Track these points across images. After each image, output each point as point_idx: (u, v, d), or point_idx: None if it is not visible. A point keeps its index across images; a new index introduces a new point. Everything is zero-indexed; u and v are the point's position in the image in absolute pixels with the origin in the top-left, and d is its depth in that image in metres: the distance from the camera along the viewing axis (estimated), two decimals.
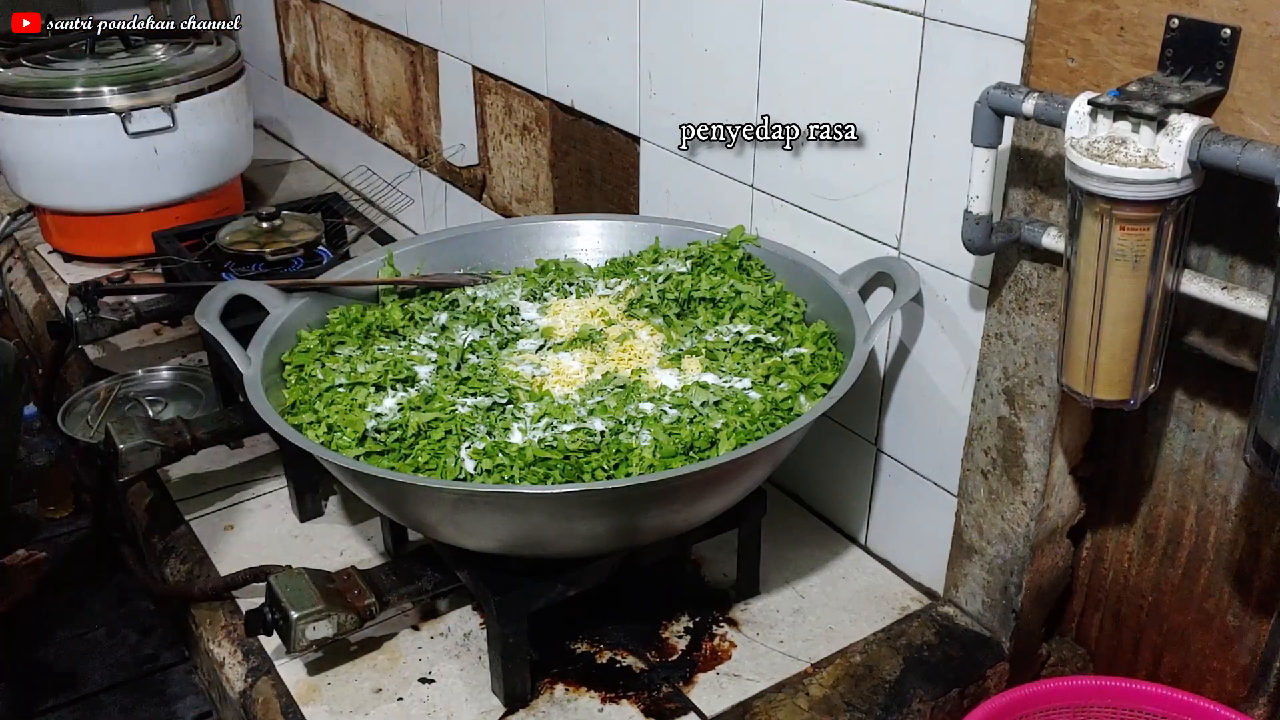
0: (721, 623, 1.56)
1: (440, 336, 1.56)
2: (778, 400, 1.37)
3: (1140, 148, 1.05)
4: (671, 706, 1.42)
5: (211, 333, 1.47)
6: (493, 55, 2.23)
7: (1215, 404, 1.30)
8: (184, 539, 1.76)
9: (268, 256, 2.07)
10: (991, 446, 1.44)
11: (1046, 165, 1.26)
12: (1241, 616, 1.36)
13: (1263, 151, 0.99)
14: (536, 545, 1.33)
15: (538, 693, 1.45)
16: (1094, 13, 1.15)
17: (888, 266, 1.49)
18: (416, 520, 1.40)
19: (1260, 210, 1.03)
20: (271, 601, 1.42)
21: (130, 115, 2.45)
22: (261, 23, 3.27)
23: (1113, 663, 1.54)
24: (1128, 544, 1.47)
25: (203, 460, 1.85)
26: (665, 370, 1.46)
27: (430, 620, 1.57)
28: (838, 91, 1.50)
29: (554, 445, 1.30)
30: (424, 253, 1.73)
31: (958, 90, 1.31)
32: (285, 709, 1.43)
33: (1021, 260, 1.33)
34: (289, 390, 1.46)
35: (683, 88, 1.76)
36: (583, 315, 1.61)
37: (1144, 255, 1.09)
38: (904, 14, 1.36)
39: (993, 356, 1.40)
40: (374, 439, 1.34)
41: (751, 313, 1.55)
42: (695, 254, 1.67)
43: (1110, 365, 1.15)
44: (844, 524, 1.74)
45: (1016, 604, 1.48)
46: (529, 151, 2.23)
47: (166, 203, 2.59)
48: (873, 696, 1.43)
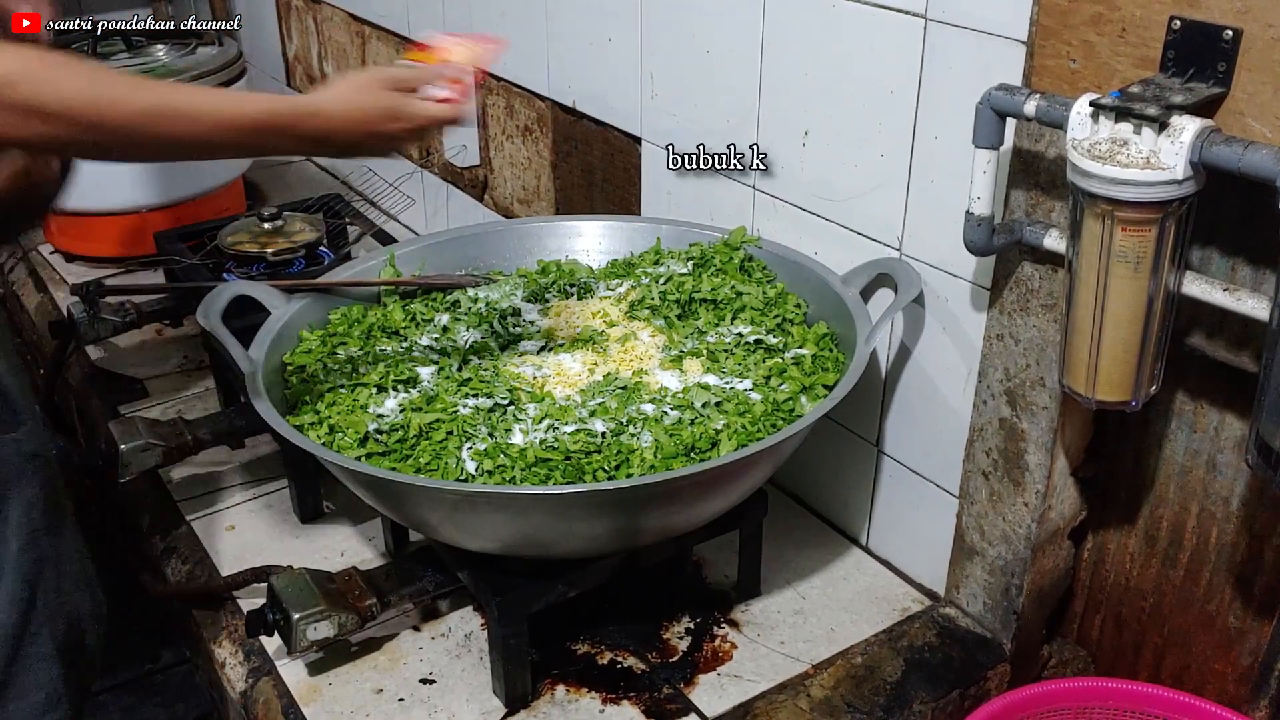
0: (722, 624, 1.56)
1: (442, 337, 1.56)
2: (779, 401, 1.37)
3: (1142, 149, 1.05)
4: (672, 707, 1.42)
5: (213, 333, 1.47)
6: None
7: (1217, 405, 1.30)
8: (185, 539, 1.76)
9: (269, 257, 2.07)
10: (993, 448, 1.44)
11: (1048, 166, 1.26)
12: (1243, 618, 1.36)
13: (1264, 153, 0.99)
14: (538, 546, 1.33)
15: (539, 693, 1.45)
16: (1096, 14, 1.15)
17: (889, 268, 1.49)
18: (418, 521, 1.40)
19: (1262, 212, 1.03)
20: (272, 602, 1.42)
21: None
22: (263, 23, 3.27)
23: (1114, 664, 1.54)
24: (1129, 545, 1.47)
25: (203, 460, 1.85)
26: (666, 371, 1.46)
27: (431, 621, 1.57)
28: (839, 92, 1.50)
29: (555, 446, 1.30)
30: (425, 253, 1.73)
31: (959, 91, 1.31)
32: (286, 709, 1.43)
33: (1023, 261, 1.33)
34: (290, 391, 1.47)
35: (684, 89, 1.76)
36: (584, 316, 1.61)
37: (1145, 257, 1.09)
38: (905, 15, 1.36)
39: (994, 358, 1.40)
40: (375, 440, 1.34)
41: (753, 314, 1.55)
42: (696, 255, 1.67)
43: (1112, 366, 1.15)
44: (845, 525, 1.74)
45: (1018, 605, 1.48)
46: (530, 152, 2.23)
47: (168, 203, 2.58)
48: (874, 698, 1.43)
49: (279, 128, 1.12)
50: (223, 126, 1.07)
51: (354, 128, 1.17)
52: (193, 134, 1.05)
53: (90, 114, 0.97)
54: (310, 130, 1.15)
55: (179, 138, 1.04)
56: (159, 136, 1.03)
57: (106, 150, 1.04)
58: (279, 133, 1.12)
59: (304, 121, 1.14)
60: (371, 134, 1.18)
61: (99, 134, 0.99)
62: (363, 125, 1.17)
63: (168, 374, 2.23)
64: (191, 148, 1.10)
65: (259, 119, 1.10)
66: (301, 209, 2.30)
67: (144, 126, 1.01)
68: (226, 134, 1.08)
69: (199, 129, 1.05)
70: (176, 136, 1.04)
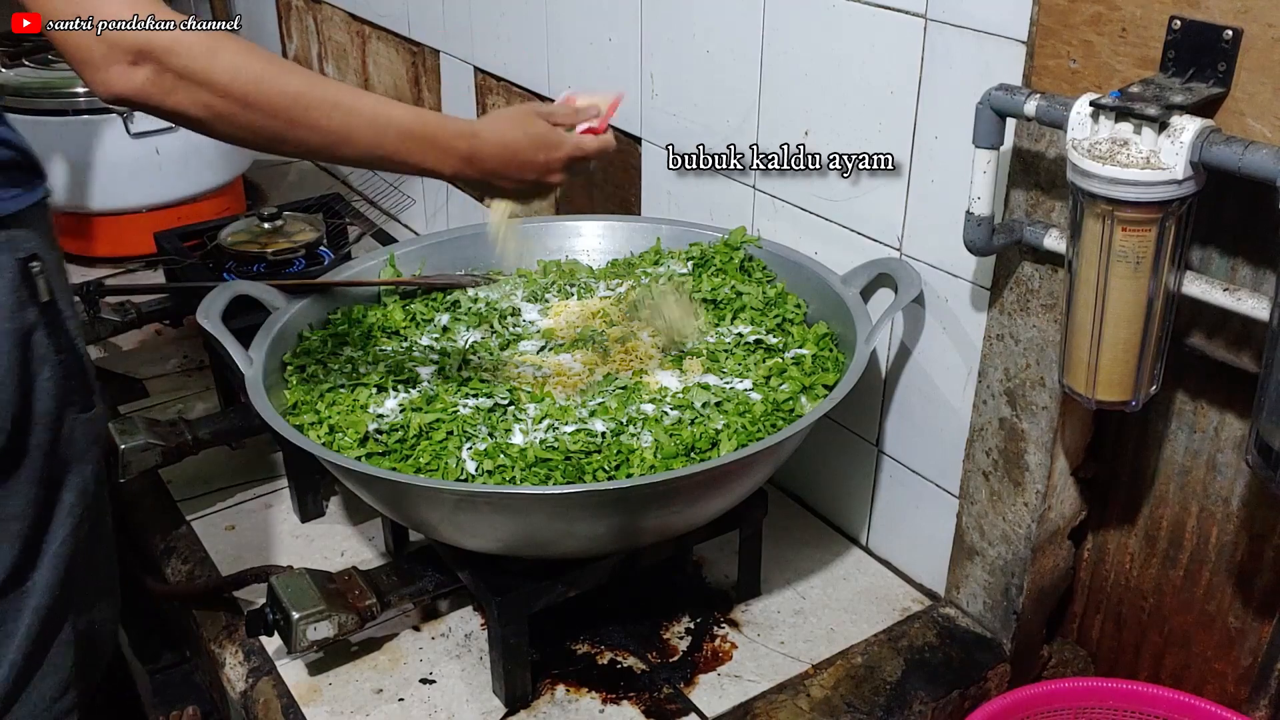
0: (722, 624, 1.56)
1: (442, 337, 1.57)
2: (779, 401, 1.37)
3: (1142, 149, 1.05)
4: (672, 708, 1.42)
5: (213, 333, 1.47)
6: (494, 56, 2.23)
7: (1217, 405, 1.30)
8: (185, 539, 1.76)
9: (269, 257, 2.07)
10: (993, 447, 1.44)
11: (1048, 166, 1.26)
12: (1243, 618, 1.36)
13: (1264, 153, 0.99)
14: (538, 546, 1.33)
15: (538, 693, 1.45)
16: (1096, 14, 1.15)
17: (889, 268, 1.49)
18: (418, 521, 1.40)
19: (1262, 212, 1.03)
20: (272, 602, 1.42)
21: (132, 116, 2.45)
22: (263, 23, 3.27)
23: (1114, 664, 1.54)
24: (1129, 545, 1.47)
25: (203, 460, 1.84)
26: (666, 371, 1.46)
27: (431, 621, 1.57)
28: (839, 92, 1.50)
29: (555, 446, 1.30)
30: (425, 253, 1.73)
31: (959, 91, 1.31)
32: (286, 709, 1.43)
33: (1023, 261, 1.33)
34: (290, 391, 1.47)
35: (684, 89, 1.76)
36: (584, 316, 1.61)
37: (1145, 257, 1.09)
38: (906, 15, 1.36)
39: (994, 357, 1.40)
40: (375, 440, 1.34)
41: (753, 314, 1.55)
42: (696, 255, 1.67)
43: (1112, 366, 1.15)
44: (845, 525, 1.74)
45: (1018, 605, 1.48)
46: None
47: (168, 203, 2.59)
48: (874, 698, 1.43)
49: (427, 137, 1.13)
50: (373, 124, 1.08)
51: (502, 153, 1.18)
52: (341, 127, 1.06)
53: (242, 89, 0.99)
54: (458, 147, 1.15)
55: (326, 129, 1.05)
56: (306, 124, 1.04)
57: (255, 131, 1.03)
58: (426, 142, 1.13)
59: (453, 137, 1.15)
60: (521, 162, 1.20)
61: (250, 111, 1.00)
62: (513, 152, 1.19)
63: (168, 374, 2.23)
64: (336, 142, 1.08)
65: (410, 124, 1.11)
66: (301, 209, 2.30)
67: (292, 111, 1.02)
68: (372, 132, 1.08)
69: (348, 122, 1.06)
70: (323, 127, 1.05)
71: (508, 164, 1.20)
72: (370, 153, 1.11)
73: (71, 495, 1.10)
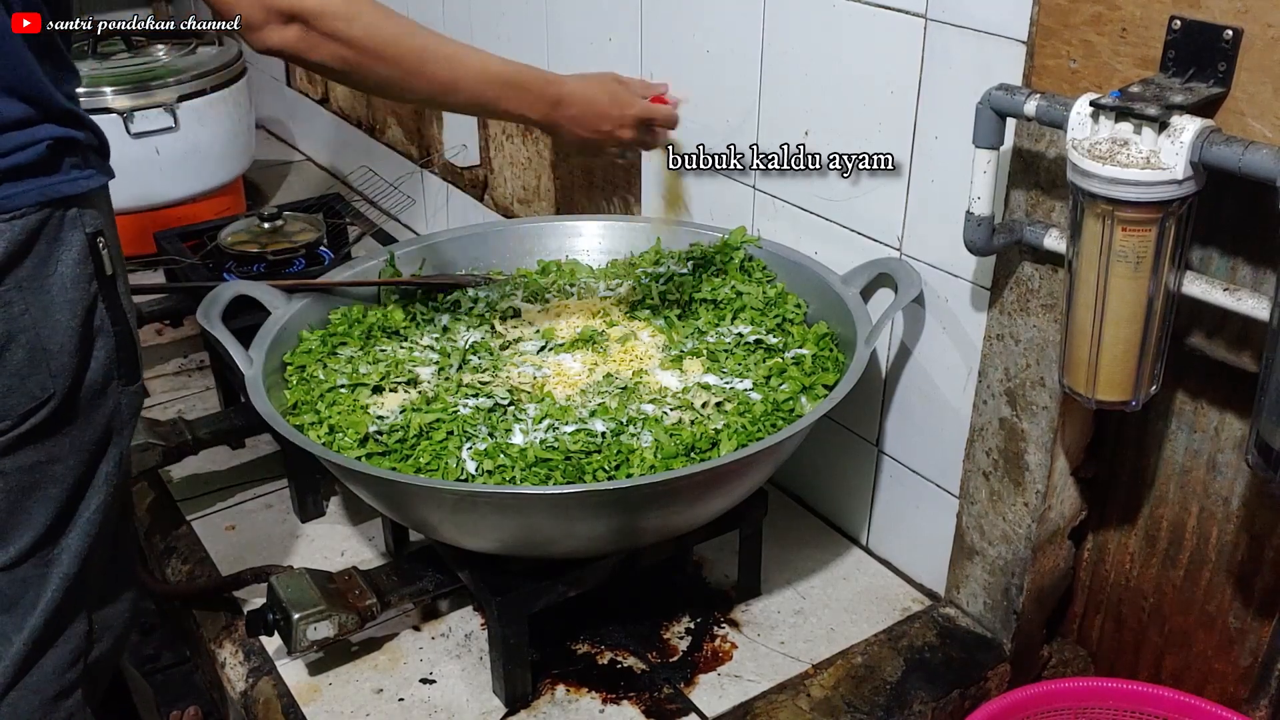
0: (722, 624, 1.56)
1: (442, 337, 1.57)
2: (779, 401, 1.37)
3: (1142, 149, 1.05)
4: (672, 707, 1.42)
5: (213, 333, 1.47)
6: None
7: (1217, 405, 1.30)
8: (185, 539, 1.76)
9: (269, 257, 2.07)
10: (993, 447, 1.44)
11: (1048, 166, 1.26)
12: (1243, 618, 1.36)
13: (1265, 153, 0.99)
14: (538, 546, 1.33)
15: (539, 693, 1.45)
16: (1096, 14, 1.15)
17: (889, 267, 1.49)
18: (418, 521, 1.40)
19: (1262, 212, 1.03)
20: (273, 602, 1.42)
21: (132, 116, 2.46)
22: None
23: (1114, 664, 1.54)
24: (1129, 545, 1.47)
25: (204, 460, 1.85)
26: (666, 371, 1.46)
27: (431, 621, 1.57)
28: (839, 92, 1.50)
29: (555, 446, 1.30)
30: (425, 253, 1.73)
31: (959, 91, 1.31)
32: (286, 709, 1.43)
33: (1023, 261, 1.33)
34: (290, 391, 1.47)
35: (685, 89, 1.75)
36: (584, 316, 1.61)
37: (1145, 256, 1.09)
38: (906, 15, 1.36)
39: (994, 357, 1.40)
40: (375, 440, 1.34)
41: (753, 314, 1.55)
42: (696, 255, 1.67)
43: (1112, 366, 1.15)
44: (845, 525, 1.74)
45: (1018, 605, 1.48)
46: (530, 152, 2.23)
47: (168, 203, 2.59)
48: (874, 698, 1.43)
49: (522, 84, 1.29)
50: (478, 75, 1.26)
51: (584, 103, 1.34)
52: (450, 78, 1.23)
53: (375, 47, 1.16)
54: (549, 93, 1.31)
55: (440, 80, 1.23)
56: (424, 75, 1.21)
57: (381, 80, 1.20)
58: (522, 89, 1.29)
59: (544, 84, 1.31)
60: (598, 113, 1.36)
61: (380, 65, 1.17)
62: (592, 104, 1.35)
63: (168, 374, 2.23)
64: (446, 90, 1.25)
65: (508, 75, 1.28)
66: (301, 209, 2.30)
67: (413, 64, 1.20)
68: (477, 82, 1.26)
69: (455, 74, 1.24)
70: (438, 78, 1.23)
71: (586, 113, 1.35)
72: (474, 100, 1.28)
73: (110, 465, 1.15)
